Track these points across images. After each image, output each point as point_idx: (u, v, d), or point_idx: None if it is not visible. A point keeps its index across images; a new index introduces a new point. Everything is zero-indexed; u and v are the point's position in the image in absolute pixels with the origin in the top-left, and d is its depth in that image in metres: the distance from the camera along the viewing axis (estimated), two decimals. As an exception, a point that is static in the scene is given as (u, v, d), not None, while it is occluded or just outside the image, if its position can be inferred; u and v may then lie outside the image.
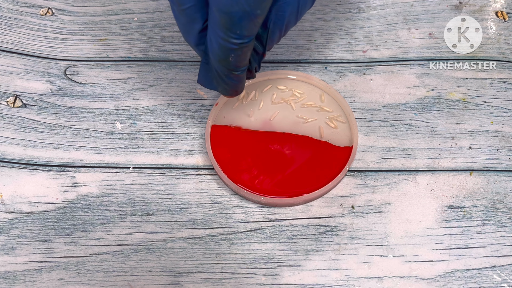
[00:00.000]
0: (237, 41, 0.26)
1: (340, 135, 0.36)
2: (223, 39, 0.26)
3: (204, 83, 0.32)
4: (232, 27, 0.26)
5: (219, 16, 0.25)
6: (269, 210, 0.34)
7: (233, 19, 0.25)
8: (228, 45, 0.27)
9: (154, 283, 0.32)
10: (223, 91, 0.31)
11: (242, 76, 0.30)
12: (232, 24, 0.25)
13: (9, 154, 0.36)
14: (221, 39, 0.26)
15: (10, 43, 0.41)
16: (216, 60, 0.28)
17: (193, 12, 0.27)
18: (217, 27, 0.26)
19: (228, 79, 0.30)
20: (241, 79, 0.30)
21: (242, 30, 0.26)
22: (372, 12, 0.43)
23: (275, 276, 0.32)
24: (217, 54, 0.28)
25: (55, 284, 0.32)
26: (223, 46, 0.27)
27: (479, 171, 0.35)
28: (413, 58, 0.40)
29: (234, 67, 0.28)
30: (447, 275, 0.32)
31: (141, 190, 0.35)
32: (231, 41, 0.26)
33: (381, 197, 0.35)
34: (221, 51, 0.27)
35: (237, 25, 0.26)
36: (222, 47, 0.27)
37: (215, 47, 0.27)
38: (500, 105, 0.38)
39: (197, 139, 0.37)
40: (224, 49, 0.27)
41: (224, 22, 0.25)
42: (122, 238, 0.33)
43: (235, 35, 0.26)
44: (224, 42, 0.26)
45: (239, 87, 0.31)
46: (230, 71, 0.29)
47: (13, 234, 0.33)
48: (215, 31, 0.26)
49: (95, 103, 0.39)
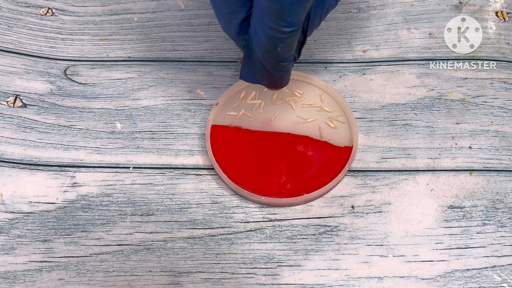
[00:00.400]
0: (286, 29, 0.25)
1: (340, 135, 0.36)
2: (272, 29, 0.25)
3: (247, 78, 0.31)
4: (282, 15, 0.25)
5: (268, 4, 0.24)
6: (269, 210, 0.34)
7: (284, 6, 0.24)
8: (277, 35, 0.26)
9: (154, 283, 0.32)
10: (268, 84, 0.30)
11: (289, 67, 0.29)
12: (282, 11, 0.25)
13: (9, 154, 0.36)
14: (269, 29, 0.25)
15: (10, 43, 0.41)
16: (262, 52, 0.27)
17: (236, 1, 0.26)
18: (265, 16, 0.25)
19: (275, 71, 0.29)
20: (288, 69, 0.29)
21: (293, 17, 0.25)
22: (372, 12, 0.43)
23: (275, 276, 0.32)
24: (264, 46, 0.27)
25: (55, 284, 0.32)
26: (272, 36, 0.26)
27: (479, 171, 0.35)
28: (413, 58, 0.40)
29: (282, 58, 0.27)
30: (447, 275, 0.32)
31: (141, 190, 0.35)
32: (280, 29, 0.25)
33: (381, 197, 0.35)
34: (269, 41, 0.26)
35: (288, 12, 0.25)
36: (270, 37, 0.26)
37: (262, 38, 0.26)
38: (500, 105, 0.38)
39: (197, 139, 0.37)
40: (272, 39, 0.26)
41: (273, 10, 0.25)
42: (122, 238, 0.33)
43: (285, 23, 0.25)
44: (273, 32, 0.26)
45: (285, 79, 0.30)
46: (278, 62, 0.28)
47: (13, 234, 0.33)
48: (263, 21, 0.25)
49: (95, 103, 0.39)
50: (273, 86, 0.31)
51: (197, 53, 0.41)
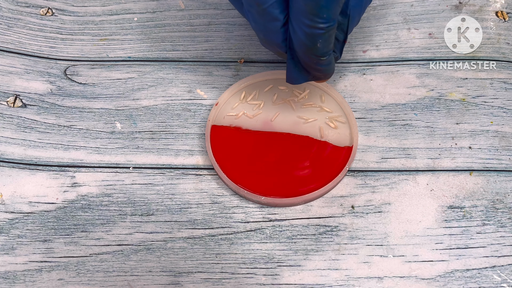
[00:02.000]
0: (324, 25, 0.27)
1: (340, 135, 0.36)
2: (310, 27, 0.27)
3: (293, 80, 0.32)
4: (319, 11, 0.26)
5: (305, 4, 0.26)
6: (269, 210, 0.34)
7: (320, 3, 0.26)
8: (315, 31, 0.27)
9: (154, 283, 0.32)
10: (315, 78, 0.32)
11: (331, 58, 0.30)
12: (319, 8, 0.26)
13: (9, 154, 0.36)
14: (307, 27, 0.27)
15: (10, 43, 0.41)
16: (303, 51, 0.28)
17: (274, 9, 0.27)
18: (303, 16, 0.26)
19: (318, 66, 0.30)
20: (331, 61, 0.30)
21: (329, 13, 0.26)
22: (372, 12, 0.43)
23: (275, 276, 0.32)
24: (304, 44, 0.28)
25: (55, 284, 0.32)
26: (310, 33, 0.27)
27: (479, 171, 0.35)
28: (413, 58, 0.40)
29: (322, 53, 0.29)
30: (447, 275, 0.32)
31: (141, 190, 0.35)
32: (318, 26, 0.26)
33: (381, 197, 0.35)
34: (308, 39, 0.27)
35: (324, 9, 0.26)
36: (309, 35, 0.27)
37: (301, 37, 0.27)
38: (500, 105, 0.38)
39: (197, 139, 0.37)
40: (311, 36, 0.27)
41: (310, 9, 0.26)
42: (122, 238, 0.33)
43: (322, 19, 0.26)
44: (311, 29, 0.27)
45: (330, 69, 0.31)
46: (319, 58, 0.29)
47: (13, 234, 0.33)
48: (300, 21, 0.27)
49: (95, 103, 0.39)
50: (320, 78, 0.32)
51: (197, 53, 0.41)
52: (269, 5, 0.27)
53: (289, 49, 0.30)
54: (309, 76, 0.32)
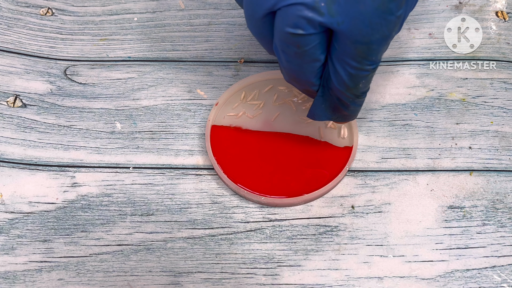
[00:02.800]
0: (371, 67, 0.26)
1: (340, 135, 0.36)
2: (356, 69, 0.26)
3: (315, 116, 0.31)
4: (369, 55, 0.25)
5: (355, 47, 0.25)
6: (269, 210, 0.34)
7: (372, 47, 0.25)
8: (360, 73, 0.26)
9: (154, 283, 0.32)
10: (339, 119, 0.31)
11: (364, 99, 0.29)
12: (369, 52, 0.25)
13: (9, 154, 0.36)
14: (353, 69, 0.26)
15: (10, 43, 0.41)
16: (344, 90, 0.27)
17: (316, 50, 0.26)
18: (350, 58, 0.25)
19: (352, 104, 0.29)
20: (363, 102, 0.30)
21: (378, 56, 0.25)
22: (372, 12, 0.43)
23: (275, 276, 0.32)
24: (345, 85, 0.27)
25: (55, 284, 0.32)
26: (355, 75, 0.26)
27: (479, 171, 0.35)
28: (413, 58, 0.40)
29: (361, 93, 0.28)
30: (447, 275, 0.32)
31: (141, 190, 0.35)
32: (365, 68, 0.26)
33: (381, 197, 0.35)
34: (352, 80, 0.26)
35: (375, 52, 0.25)
36: (353, 76, 0.26)
37: (344, 78, 0.26)
38: (500, 105, 0.38)
39: (197, 139, 0.37)
40: (355, 78, 0.26)
41: (360, 52, 0.25)
42: (122, 238, 0.33)
43: (370, 61, 0.25)
44: (357, 71, 0.26)
45: (358, 111, 0.30)
46: (357, 96, 0.28)
47: (13, 234, 0.33)
48: (346, 62, 0.25)
49: (95, 103, 0.39)
50: (344, 120, 0.31)
51: (197, 53, 0.41)
52: (312, 46, 0.25)
53: (322, 87, 0.28)
54: (333, 116, 0.30)
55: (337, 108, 0.30)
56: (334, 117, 0.31)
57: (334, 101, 0.29)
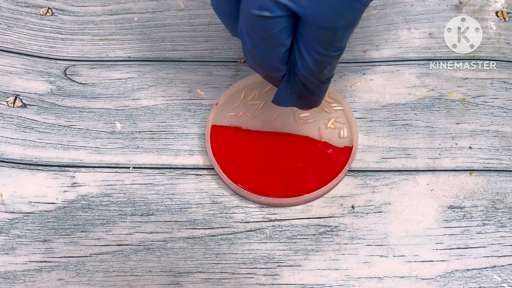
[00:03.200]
0: (336, 53, 0.26)
1: (340, 135, 0.36)
2: (322, 54, 0.26)
3: (281, 102, 0.31)
4: (334, 41, 0.25)
5: (321, 34, 0.25)
6: (269, 210, 0.34)
7: (337, 33, 0.25)
8: (326, 59, 0.26)
9: (154, 283, 0.32)
10: (304, 105, 0.31)
11: (328, 85, 0.30)
12: (335, 38, 0.25)
13: (9, 154, 0.36)
14: (319, 55, 0.26)
15: (10, 43, 0.41)
16: (309, 76, 0.27)
17: (282, 34, 0.26)
18: (316, 44, 0.25)
19: (317, 90, 0.29)
20: (327, 88, 0.30)
21: (343, 42, 0.26)
22: (372, 12, 0.43)
23: (275, 276, 0.32)
24: (310, 70, 0.27)
25: (55, 284, 0.32)
26: (320, 61, 0.26)
27: (479, 171, 0.35)
28: (413, 58, 0.40)
29: (326, 79, 0.28)
30: (447, 275, 0.32)
31: (141, 190, 0.35)
32: (330, 54, 0.26)
33: (381, 197, 0.35)
34: (317, 66, 0.27)
35: (340, 38, 0.25)
36: (318, 62, 0.26)
37: (309, 64, 0.26)
38: (500, 105, 0.38)
39: (197, 139, 0.37)
40: (321, 63, 0.26)
41: (326, 39, 0.25)
42: (122, 238, 0.33)
43: (336, 48, 0.26)
44: (322, 57, 0.26)
45: (322, 97, 0.30)
46: (321, 82, 0.28)
47: (13, 234, 0.33)
48: (312, 48, 0.26)
49: (95, 103, 0.39)
50: (309, 106, 0.31)
51: (197, 53, 0.41)
52: (278, 30, 0.25)
53: (288, 72, 0.28)
54: (298, 102, 0.30)
55: (302, 94, 0.29)
56: (299, 103, 0.31)
57: (300, 87, 0.29)
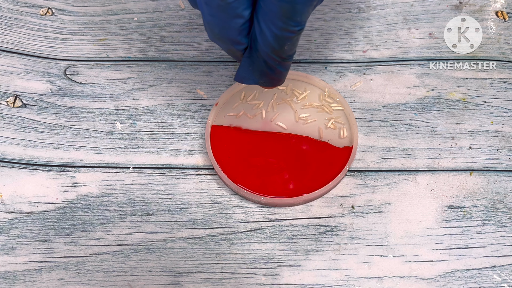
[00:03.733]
0: (295, 29, 0.26)
1: (340, 135, 0.36)
2: (281, 29, 0.26)
3: (243, 80, 0.30)
4: (293, 15, 0.25)
5: (280, 6, 0.25)
6: (269, 210, 0.34)
7: (296, 7, 0.25)
8: (285, 34, 0.26)
9: (154, 283, 0.32)
10: (266, 83, 0.30)
11: (290, 63, 0.29)
12: (294, 12, 0.25)
13: (9, 154, 0.36)
14: (278, 30, 0.26)
15: (10, 43, 0.41)
16: (268, 52, 0.27)
17: (240, 5, 0.26)
18: (275, 18, 0.25)
19: (278, 68, 0.29)
20: (289, 66, 0.30)
21: (302, 17, 0.25)
22: (372, 12, 0.43)
23: (275, 276, 0.32)
24: (270, 45, 0.27)
25: (55, 284, 0.32)
26: (280, 36, 0.26)
27: (479, 171, 0.35)
28: (413, 58, 0.40)
29: (287, 55, 0.28)
30: (447, 275, 0.32)
31: (141, 190, 0.35)
32: (289, 29, 0.26)
33: (381, 197, 0.35)
34: (277, 41, 0.26)
35: (298, 13, 0.25)
36: (278, 37, 0.26)
37: (269, 38, 0.26)
38: (500, 105, 0.38)
39: (197, 139, 0.37)
40: (280, 39, 0.26)
41: (284, 12, 0.25)
42: (122, 238, 0.33)
43: (295, 22, 0.25)
44: (282, 32, 0.26)
45: (284, 75, 0.30)
46: (282, 59, 0.28)
47: (13, 234, 0.33)
48: (271, 22, 0.25)
49: (95, 103, 0.39)
50: (271, 84, 0.31)
51: (197, 53, 0.41)
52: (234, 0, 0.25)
53: (250, 48, 0.28)
54: (260, 79, 0.30)
55: (265, 72, 0.29)
56: (261, 81, 0.30)
57: (261, 64, 0.29)
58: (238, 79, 0.30)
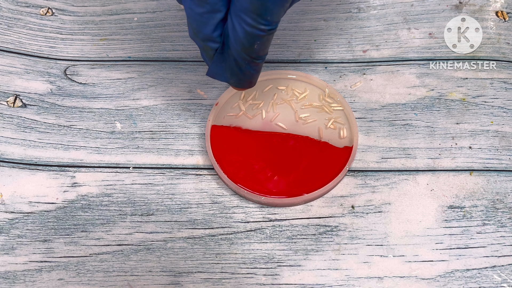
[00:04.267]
0: (265, 27, 0.26)
1: (340, 135, 0.36)
2: (251, 26, 0.26)
3: (215, 75, 0.31)
4: (263, 13, 0.25)
5: (250, 3, 0.25)
6: (269, 210, 0.34)
7: (266, 4, 0.25)
8: (255, 32, 0.26)
9: (154, 283, 0.32)
10: (236, 83, 0.30)
11: (261, 66, 0.30)
12: (264, 10, 0.25)
13: (9, 154, 0.36)
14: (248, 26, 0.26)
15: (10, 43, 0.41)
16: (239, 49, 0.27)
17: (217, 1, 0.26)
18: (245, 14, 0.26)
19: (247, 68, 0.29)
20: (260, 68, 0.30)
21: (273, 16, 0.26)
22: (372, 12, 0.43)
23: (275, 276, 0.32)
24: (241, 42, 0.27)
25: (55, 284, 0.32)
26: (250, 33, 0.26)
27: (479, 171, 0.35)
28: (413, 58, 0.40)
29: (256, 56, 0.28)
30: (447, 275, 0.32)
31: (141, 190, 0.35)
32: (259, 27, 0.26)
33: (381, 197, 0.35)
34: (247, 39, 0.27)
35: (269, 11, 0.25)
36: (248, 34, 0.26)
37: (240, 35, 0.27)
38: (500, 105, 0.38)
39: (197, 139, 0.37)
40: (250, 36, 0.26)
41: (255, 9, 0.25)
42: (122, 238, 0.33)
43: (265, 21, 0.26)
44: (252, 29, 0.26)
45: (255, 78, 0.30)
46: (252, 59, 0.28)
47: (13, 234, 0.33)
48: (242, 18, 0.26)
49: (95, 103, 0.39)
50: (241, 85, 0.31)
51: (197, 53, 0.41)
52: None
53: (222, 44, 0.28)
54: (231, 78, 0.30)
55: (235, 72, 0.29)
56: (231, 80, 0.30)
57: (232, 63, 0.29)
58: (210, 74, 0.31)
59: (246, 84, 0.31)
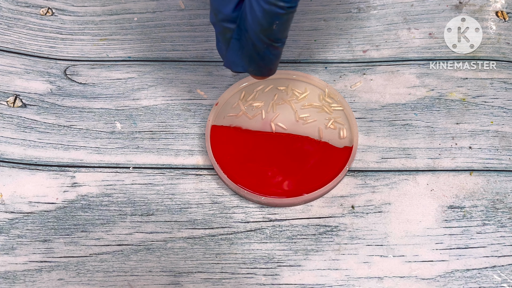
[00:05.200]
0: (285, 4, 0.25)
1: (340, 135, 0.36)
2: (270, 3, 0.25)
3: (232, 65, 0.30)
4: None
5: None
6: (269, 210, 0.34)
7: None
8: (274, 10, 0.25)
9: (154, 283, 0.32)
10: (255, 71, 0.30)
11: (281, 51, 0.29)
12: None
13: (9, 154, 0.36)
14: (266, 4, 0.25)
15: (10, 43, 0.41)
16: (257, 31, 0.27)
17: None
18: None
19: (266, 52, 0.28)
20: (279, 54, 0.29)
21: None
22: (372, 12, 0.43)
23: (275, 276, 0.32)
24: (259, 23, 0.26)
25: (55, 284, 0.32)
26: (269, 12, 0.26)
27: (479, 171, 0.35)
28: (413, 58, 0.40)
29: (276, 38, 0.27)
30: (447, 275, 0.32)
31: (141, 190, 0.35)
32: (278, 4, 0.25)
33: (381, 197, 0.35)
34: (265, 18, 0.26)
35: None
36: (267, 13, 0.26)
37: (258, 15, 0.26)
38: (500, 105, 0.38)
39: (197, 139, 0.37)
40: (269, 15, 0.26)
41: None
42: (122, 238, 0.33)
43: None
44: (270, 7, 0.25)
45: (274, 64, 0.29)
46: (271, 42, 0.27)
47: (13, 234, 0.33)
48: None
49: (95, 103, 0.39)
50: (260, 73, 0.30)
51: (197, 53, 0.41)
52: None
53: (239, 28, 0.28)
54: (249, 66, 0.29)
55: (253, 58, 0.29)
56: (250, 68, 0.30)
57: (250, 48, 0.28)
58: (227, 64, 0.30)
59: (265, 72, 0.30)
